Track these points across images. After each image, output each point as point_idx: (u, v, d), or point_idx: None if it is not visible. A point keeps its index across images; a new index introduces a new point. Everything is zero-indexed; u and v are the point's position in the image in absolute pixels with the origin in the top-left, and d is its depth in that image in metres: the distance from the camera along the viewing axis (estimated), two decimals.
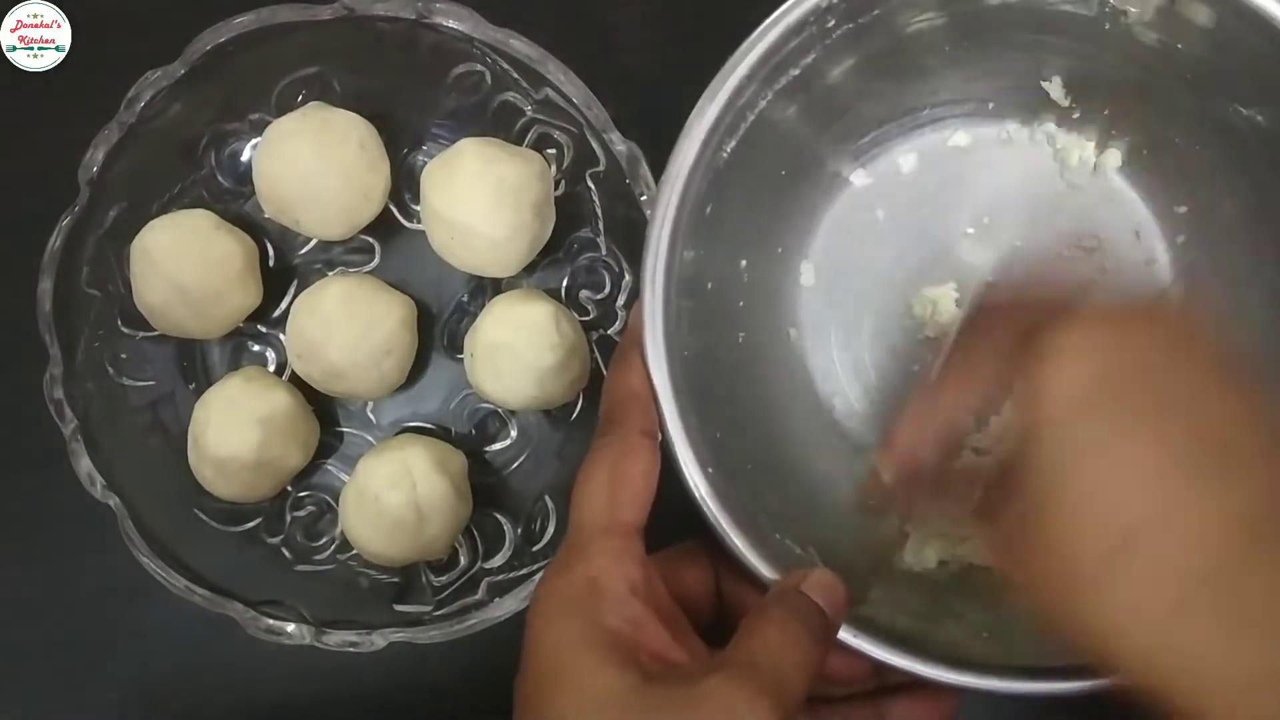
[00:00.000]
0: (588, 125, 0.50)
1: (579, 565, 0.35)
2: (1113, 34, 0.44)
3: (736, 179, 0.44)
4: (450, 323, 0.55)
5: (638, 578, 0.35)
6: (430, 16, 0.50)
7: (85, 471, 0.50)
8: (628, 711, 0.32)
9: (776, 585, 0.37)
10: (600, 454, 0.38)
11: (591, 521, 0.36)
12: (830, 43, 0.43)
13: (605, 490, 0.37)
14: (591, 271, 0.54)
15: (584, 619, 0.34)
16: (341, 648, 0.49)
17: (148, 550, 0.50)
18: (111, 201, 0.52)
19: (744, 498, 0.42)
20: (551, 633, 0.34)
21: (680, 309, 0.42)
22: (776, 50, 0.42)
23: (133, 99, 0.51)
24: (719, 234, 0.44)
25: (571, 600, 0.35)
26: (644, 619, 0.35)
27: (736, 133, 0.43)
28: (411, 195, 0.54)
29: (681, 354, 0.42)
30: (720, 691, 0.32)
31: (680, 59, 0.55)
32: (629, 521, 0.37)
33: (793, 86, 0.44)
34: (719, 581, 0.41)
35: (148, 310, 0.52)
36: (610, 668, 0.32)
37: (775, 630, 0.34)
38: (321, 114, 0.51)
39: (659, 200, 0.42)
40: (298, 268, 0.55)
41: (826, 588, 0.37)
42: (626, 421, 0.39)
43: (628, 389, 0.40)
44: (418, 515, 0.50)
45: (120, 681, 0.55)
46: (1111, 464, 0.31)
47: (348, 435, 0.55)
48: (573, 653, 0.33)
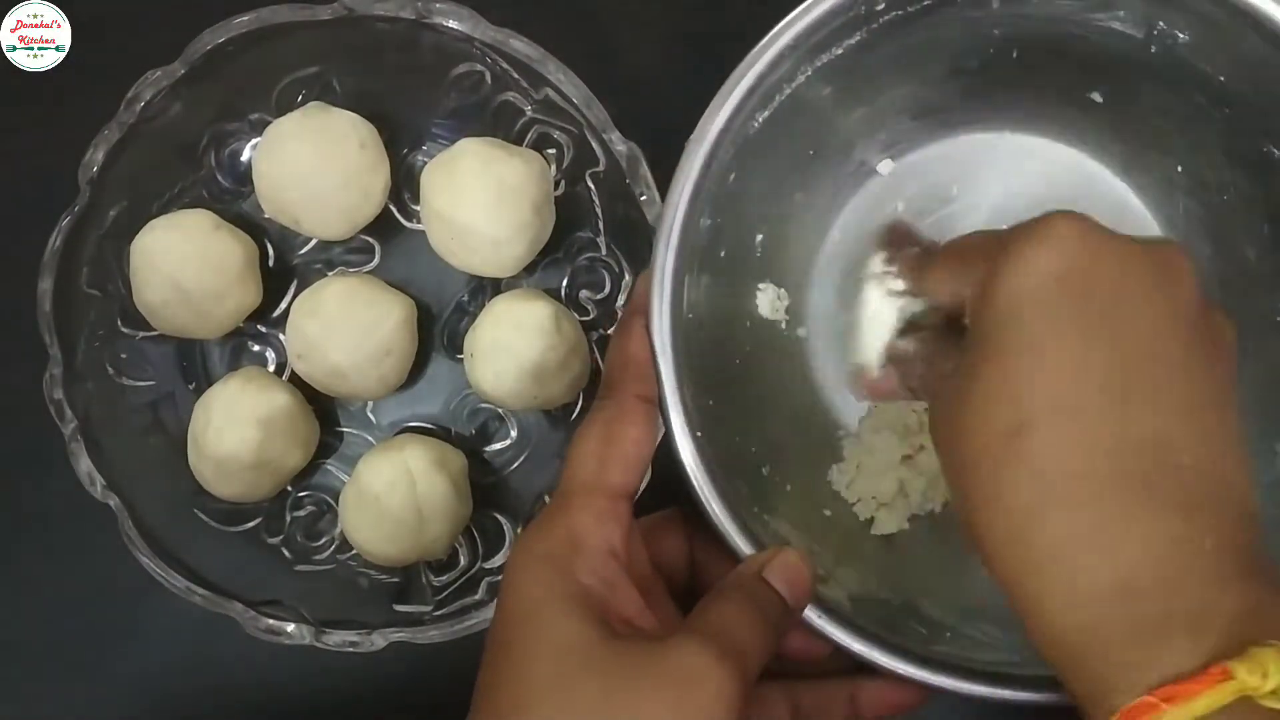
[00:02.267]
0: (588, 125, 0.50)
1: (561, 521, 0.36)
2: (1158, 57, 0.43)
3: (763, 152, 0.43)
4: (450, 323, 0.55)
5: (618, 540, 0.36)
6: (430, 16, 0.50)
7: (85, 471, 0.50)
8: (590, 662, 0.32)
9: (738, 568, 0.37)
10: (596, 416, 0.38)
11: (579, 480, 0.37)
12: (876, 28, 0.43)
13: (597, 451, 0.37)
14: (591, 271, 0.54)
15: (558, 572, 0.34)
16: (341, 648, 0.49)
17: (147, 550, 0.50)
18: (111, 201, 0.52)
19: (728, 468, 0.42)
20: (525, 581, 0.34)
21: (691, 274, 0.42)
22: (821, 26, 0.41)
23: (132, 99, 0.51)
24: (738, 205, 0.44)
25: (549, 553, 0.35)
26: (618, 581, 0.35)
27: (770, 104, 0.42)
28: (411, 195, 0.54)
29: (686, 317, 0.42)
30: (683, 650, 0.32)
31: (680, 59, 0.56)
32: (617, 483, 0.37)
33: (832, 67, 0.43)
34: (693, 550, 0.42)
35: (148, 310, 0.52)
36: (576, 620, 0.33)
37: (730, 611, 0.35)
38: (321, 114, 0.51)
39: (684, 161, 0.41)
40: (298, 268, 0.55)
41: (790, 570, 0.37)
42: (625, 386, 0.39)
43: (628, 355, 0.40)
44: (418, 515, 0.50)
45: (120, 681, 0.55)
46: (1035, 357, 0.32)
47: (348, 435, 0.55)
48: (542, 602, 0.34)
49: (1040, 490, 0.31)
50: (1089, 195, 0.49)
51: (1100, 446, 0.31)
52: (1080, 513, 0.31)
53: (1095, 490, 0.31)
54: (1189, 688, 0.29)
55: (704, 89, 0.42)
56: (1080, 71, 0.47)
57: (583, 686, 0.32)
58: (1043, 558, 0.31)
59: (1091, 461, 0.31)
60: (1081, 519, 0.31)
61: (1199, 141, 0.46)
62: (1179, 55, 0.43)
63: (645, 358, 0.40)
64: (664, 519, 0.42)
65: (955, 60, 0.47)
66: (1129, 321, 0.32)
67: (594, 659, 0.32)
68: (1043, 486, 0.31)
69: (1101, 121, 0.48)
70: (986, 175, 0.50)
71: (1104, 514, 0.31)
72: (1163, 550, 0.31)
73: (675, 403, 0.40)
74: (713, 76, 0.42)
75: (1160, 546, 0.31)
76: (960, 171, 0.50)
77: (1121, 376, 0.32)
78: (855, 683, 0.40)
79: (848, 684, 0.41)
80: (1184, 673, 0.29)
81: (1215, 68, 0.43)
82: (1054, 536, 0.31)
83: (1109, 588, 0.30)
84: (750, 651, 0.34)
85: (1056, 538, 0.31)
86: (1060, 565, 0.31)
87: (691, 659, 0.32)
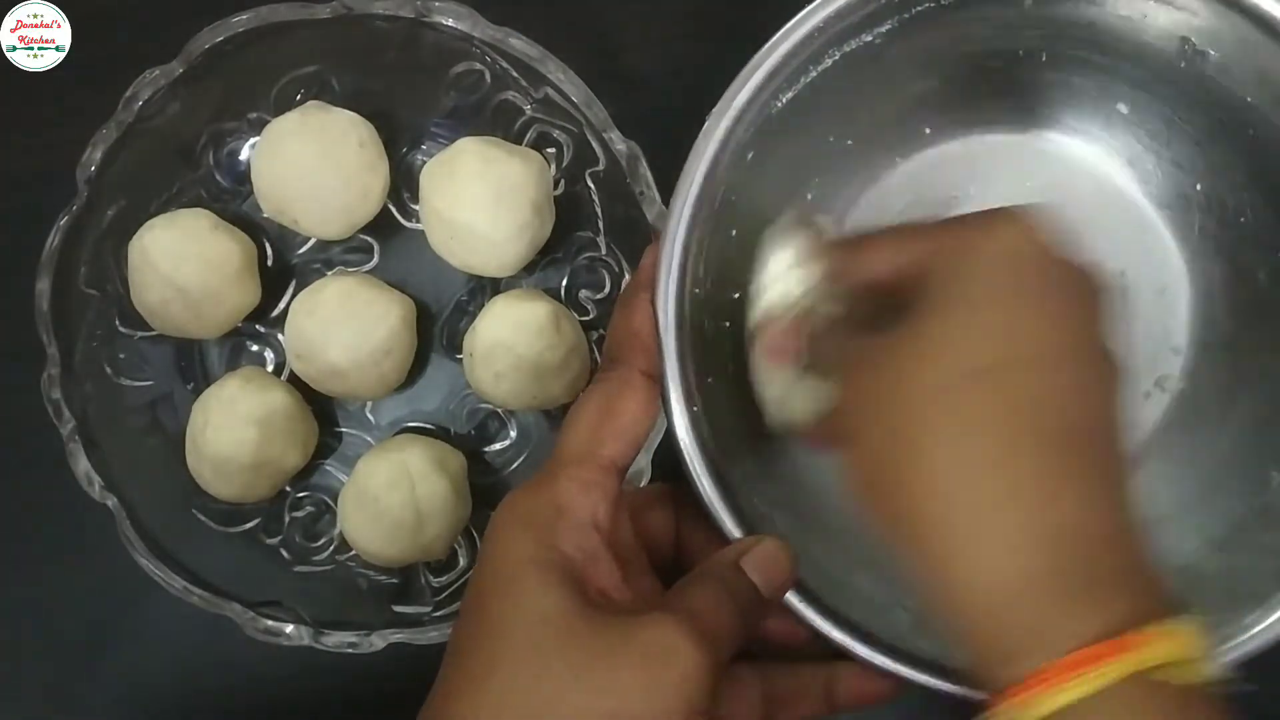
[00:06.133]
0: (587, 124, 0.50)
1: (548, 487, 0.36)
2: (1186, 73, 0.43)
3: (784, 133, 0.43)
4: (449, 322, 0.55)
5: (602, 512, 0.35)
6: (429, 15, 0.50)
7: (83, 472, 0.50)
8: (565, 633, 0.32)
9: (716, 555, 0.37)
10: (595, 387, 0.38)
11: (572, 449, 0.37)
12: (909, 17, 0.42)
13: (592, 421, 0.37)
14: (591, 271, 0.54)
15: (540, 538, 0.34)
16: (340, 648, 0.49)
17: (146, 551, 0.49)
18: (110, 201, 0.51)
19: (722, 448, 0.41)
20: (506, 544, 0.35)
21: (701, 248, 0.42)
22: (853, 10, 0.41)
23: (131, 98, 0.51)
24: (754, 184, 0.44)
25: (532, 519, 0.35)
26: (599, 554, 0.35)
27: (794, 86, 0.42)
28: (410, 195, 0.54)
29: (693, 292, 0.41)
30: (658, 627, 0.32)
31: (681, 58, 0.56)
32: (609, 455, 0.37)
33: (860, 53, 0.43)
34: (680, 528, 0.41)
35: (146, 310, 0.51)
36: (554, 589, 0.33)
37: (706, 595, 0.35)
38: (320, 113, 0.51)
39: (704, 133, 0.41)
40: (296, 267, 0.55)
41: (767, 561, 0.37)
42: (627, 360, 0.39)
43: (633, 328, 0.40)
44: (417, 516, 0.50)
45: (118, 682, 0.55)
46: (988, 315, 0.33)
47: (347, 435, 0.55)
48: (522, 567, 0.34)
49: (982, 441, 0.32)
50: (1104, 205, 0.49)
51: (1036, 403, 0.32)
52: (1023, 462, 0.32)
53: (1035, 444, 0.32)
54: (1096, 652, 0.29)
55: (704, 89, 0.42)
56: (1108, 81, 0.46)
57: (557, 657, 0.32)
58: (968, 514, 0.32)
59: (1035, 418, 0.32)
60: (1024, 468, 0.32)
61: (1220, 161, 0.46)
62: (1207, 73, 0.43)
63: (649, 331, 0.40)
64: (651, 494, 0.42)
65: (982, 59, 0.46)
66: (1057, 307, 0.34)
67: (570, 630, 0.32)
68: (984, 438, 0.32)
69: (1124, 133, 0.48)
70: (1002, 177, 0.50)
71: (1044, 467, 0.32)
72: (1091, 510, 0.31)
73: (675, 375, 0.40)
74: (713, 76, 0.42)
75: (1088, 507, 0.31)
76: (976, 172, 0.50)
77: (1055, 346, 0.33)
78: (832, 669, 0.40)
79: (824, 669, 0.40)
80: (1090, 639, 0.30)
81: (1243, 88, 0.43)
82: (991, 490, 0.32)
83: (1038, 542, 0.31)
84: (722, 636, 0.34)
85: (994, 491, 0.32)
86: (989, 520, 0.31)
87: (665, 637, 0.32)
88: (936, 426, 0.32)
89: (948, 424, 0.32)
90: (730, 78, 0.41)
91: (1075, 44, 0.45)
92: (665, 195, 0.46)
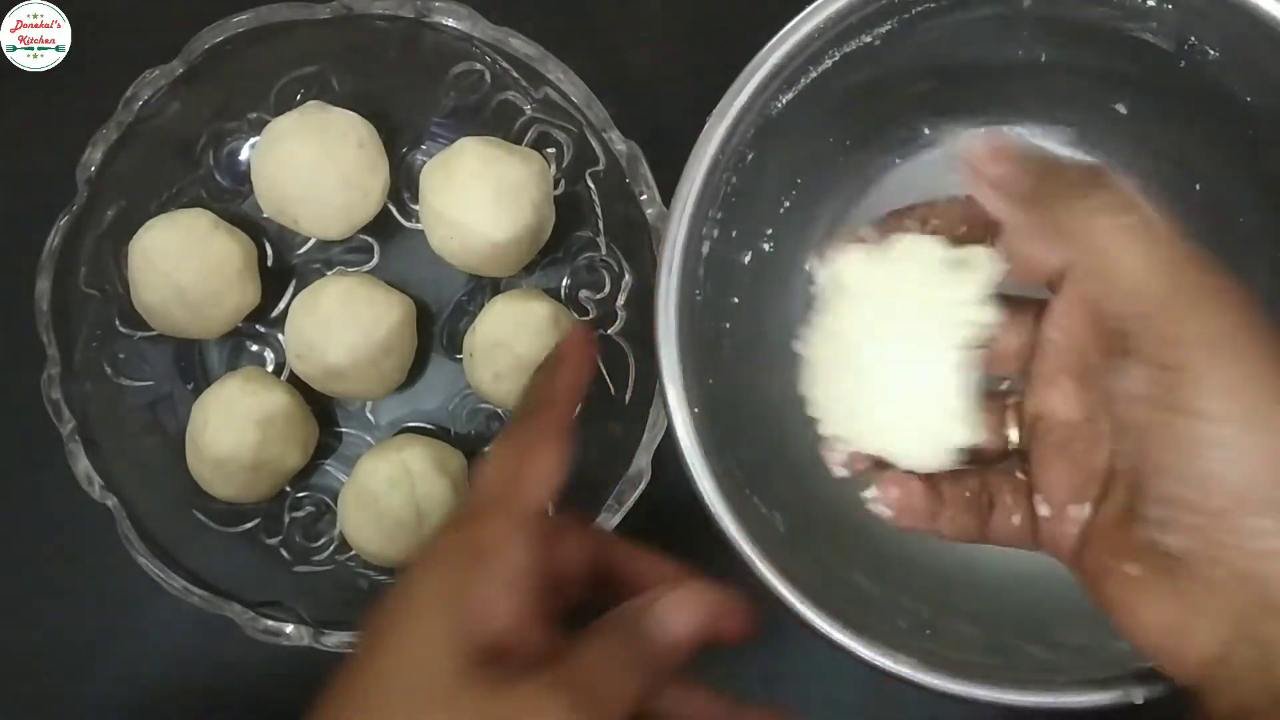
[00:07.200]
0: (587, 124, 0.50)
1: (466, 529, 0.35)
2: (1186, 73, 0.43)
3: (783, 134, 0.43)
4: (450, 322, 0.55)
5: (520, 559, 0.34)
6: (429, 15, 0.50)
7: (83, 472, 0.50)
8: (441, 690, 0.32)
9: (624, 605, 0.35)
10: (515, 432, 0.38)
11: (493, 490, 0.36)
12: (909, 17, 0.42)
13: (511, 464, 0.36)
14: (591, 271, 0.54)
15: (447, 582, 0.33)
16: (340, 648, 0.49)
17: (146, 551, 0.49)
18: (110, 201, 0.51)
19: (722, 449, 0.41)
20: (419, 578, 0.34)
21: (701, 250, 0.42)
22: (853, 11, 0.41)
23: (131, 98, 0.51)
24: (753, 185, 0.44)
25: (448, 557, 0.34)
26: (506, 602, 0.33)
27: (794, 87, 0.42)
28: (410, 194, 0.54)
29: (692, 294, 0.42)
30: (534, 697, 0.31)
31: (680, 58, 0.56)
32: (533, 498, 0.36)
33: (860, 54, 0.43)
34: (606, 555, 0.39)
35: (146, 310, 0.51)
36: (443, 639, 0.32)
37: (601, 654, 0.33)
38: (320, 113, 0.51)
39: (704, 133, 0.41)
40: (296, 267, 0.55)
41: (686, 609, 0.34)
42: (543, 414, 0.38)
43: (552, 392, 0.39)
44: (417, 515, 0.50)
45: (118, 682, 0.55)
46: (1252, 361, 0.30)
47: (347, 435, 0.55)
48: (426, 606, 0.33)
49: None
50: None
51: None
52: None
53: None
54: None
55: (704, 89, 0.42)
56: (1107, 80, 0.46)
57: (427, 717, 0.31)
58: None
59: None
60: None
61: (1220, 162, 0.46)
62: (1208, 72, 0.43)
63: (569, 400, 0.39)
64: (563, 525, 0.39)
65: (981, 59, 0.46)
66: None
67: (446, 690, 0.32)
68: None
69: (1123, 133, 0.48)
70: None
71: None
72: None
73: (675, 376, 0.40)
74: (713, 76, 0.42)
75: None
76: None
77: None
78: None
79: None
80: None
81: (1243, 88, 0.42)
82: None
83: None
84: (612, 698, 0.32)
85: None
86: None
87: (541, 705, 0.31)
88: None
89: None
90: (730, 78, 0.41)
91: (1074, 44, 0.45)
92: (665, 195, 0.46)
